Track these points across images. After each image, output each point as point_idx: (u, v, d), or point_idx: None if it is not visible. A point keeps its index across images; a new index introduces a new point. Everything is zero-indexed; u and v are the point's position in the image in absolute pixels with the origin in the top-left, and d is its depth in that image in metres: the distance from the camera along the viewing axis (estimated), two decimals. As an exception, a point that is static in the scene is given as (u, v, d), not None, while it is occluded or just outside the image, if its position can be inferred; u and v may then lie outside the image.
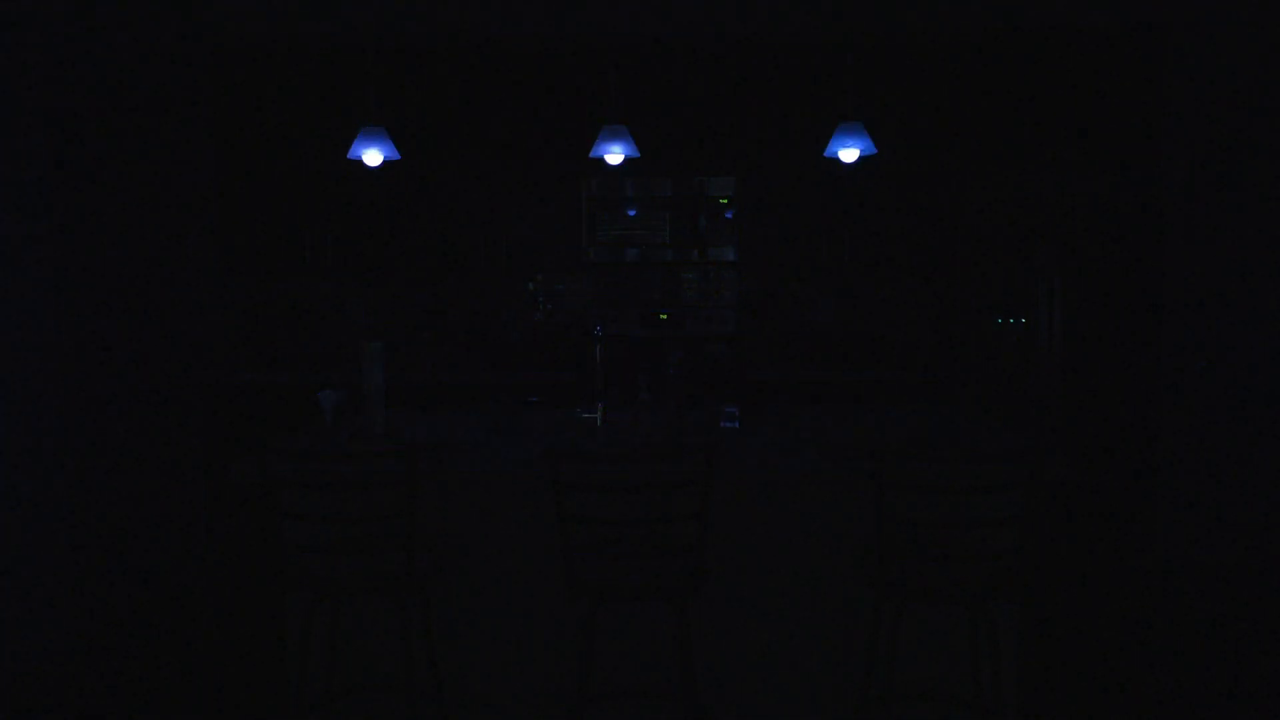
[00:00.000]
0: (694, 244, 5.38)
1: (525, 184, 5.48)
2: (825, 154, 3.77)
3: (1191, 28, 5.02)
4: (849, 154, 3.70)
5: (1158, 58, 5.08)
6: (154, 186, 4.90)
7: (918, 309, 5.63)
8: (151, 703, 3.76)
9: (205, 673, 4.00)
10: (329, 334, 5.94)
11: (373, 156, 3.64)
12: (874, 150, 3.69)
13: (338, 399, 3.51)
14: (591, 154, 3.63)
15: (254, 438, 2.87)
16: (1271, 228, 5.01)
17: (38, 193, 4.00)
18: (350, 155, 3.66)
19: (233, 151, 5.49)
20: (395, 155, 3.69)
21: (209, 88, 5.42)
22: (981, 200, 5.01)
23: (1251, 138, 5.01)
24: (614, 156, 3.59)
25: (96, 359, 4.38)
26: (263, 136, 5.47)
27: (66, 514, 4.14)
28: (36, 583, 3.94)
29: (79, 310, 4.25)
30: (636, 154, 3.61)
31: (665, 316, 5.75)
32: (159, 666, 4.07)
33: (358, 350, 5.67)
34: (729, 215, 5.37)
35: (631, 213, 5.39)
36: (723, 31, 5.13)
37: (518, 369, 5.39)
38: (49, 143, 4.06)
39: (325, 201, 5.48)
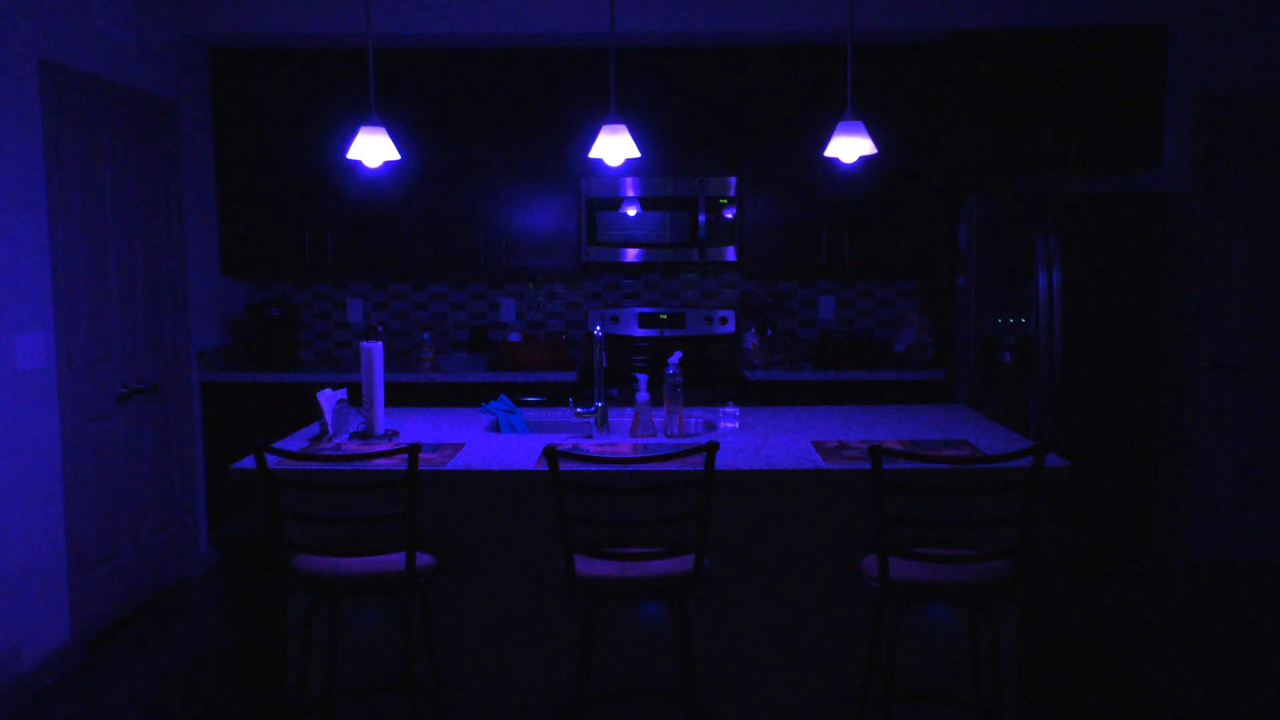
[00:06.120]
0: (694, 244, 5.38)
1: (525, 184, 5.48)
2: (825, 154, 3.77)
3: (1194, 26, 5.01)
4: (849, 154, 3.70)
5: (1160, 55, 5.08)
6: (154, 185, 4.90)
7: (917, 309, 5.63)
8: (151, 703, 3.76)
9: (205, 673, 4.00)
10: (329, 334, 5.94)
11: (372, 156, 3.64)
12: (874, 150, 3.69)
13: (338, 399, 3.51)
14: (591, 154, 3.63)
15: (254, 438, 2.88)
16: (1273, 226, 5.01)
17: (35, 190, 4.00)
18: (349, 155, 3.66)
19: (233, 151, 5.48)
20: (395, 155, 3.69)
21: (208, 87, 5.42)
22: (981, 199, 5.00)
23: (1255, 135, 5.01)
24: (614, 156, 3.58)
25: (95, 358, 4.38)
26: (262, 136, 5.46)
27: (66, 514, 4.14)
28: (36, 582, 3.94)
29: (77, 309, 4.25)
30: (637, 154, 3.61)
31: (665, 316, 5.75)
32: (158, 667, 4.07)
33: (358, 350, 5.67)
34: (729, 215, 5.37)
35: (631, 213, 5.38)
36: (723, 32, 5.12)
37: (518, 369, 5.39)
38: (48, 139, 4.06)
39: (325, 201, 5.47)
